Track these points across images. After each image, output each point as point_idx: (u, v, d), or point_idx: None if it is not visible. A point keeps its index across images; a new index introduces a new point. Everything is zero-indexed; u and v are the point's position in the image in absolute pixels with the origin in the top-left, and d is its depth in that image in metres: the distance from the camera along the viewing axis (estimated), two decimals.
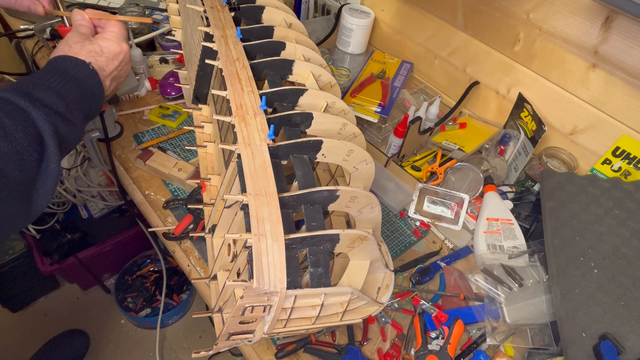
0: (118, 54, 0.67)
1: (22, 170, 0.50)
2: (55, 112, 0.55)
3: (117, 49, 0.67)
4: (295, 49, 0.76)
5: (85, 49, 0.63)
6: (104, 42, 0.66)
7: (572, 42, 0.89)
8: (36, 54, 1.17)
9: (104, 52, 0.65)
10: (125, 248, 1.65)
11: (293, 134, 0.62)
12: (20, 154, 0.49)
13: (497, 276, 0.81)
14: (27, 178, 0.51)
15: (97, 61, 0.64)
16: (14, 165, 0.49)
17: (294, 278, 0.48)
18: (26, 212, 0.53)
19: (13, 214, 0.50)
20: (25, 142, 0.50)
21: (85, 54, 0.63)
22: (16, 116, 0.50)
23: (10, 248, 1.49)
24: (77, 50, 0.63)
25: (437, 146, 1.04)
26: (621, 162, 0.89)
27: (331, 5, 1.34)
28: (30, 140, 0.51)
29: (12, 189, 0.48)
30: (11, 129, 0.49)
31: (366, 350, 0.73)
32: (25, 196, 0.52)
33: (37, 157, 0.52)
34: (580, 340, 0.68)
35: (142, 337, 1.63)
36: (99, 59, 0.64)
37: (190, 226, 0.81)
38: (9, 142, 0.48)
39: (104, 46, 0.66)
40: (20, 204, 0.51)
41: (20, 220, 0.53)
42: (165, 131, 1.02)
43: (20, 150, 0.49)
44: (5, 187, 0.47)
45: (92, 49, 0.64)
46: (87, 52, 0.63)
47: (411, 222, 0.94)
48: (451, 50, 1.15)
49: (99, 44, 0.66)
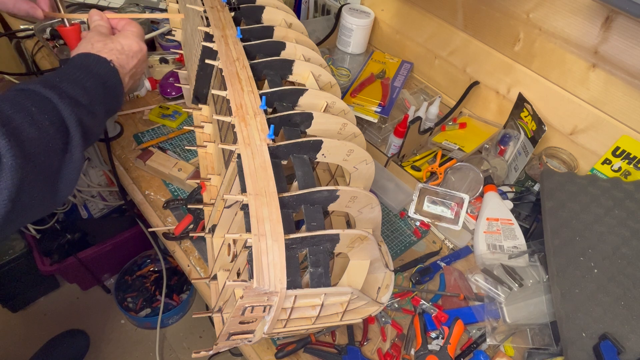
0: (137, 52, 0.69)
1: (48, 157, 0.51)
2: (80, 104, 0.57)
3: (136, 47, 0.69)
4: (295, 49, 0.76)
5: (107, 47, 0.65)
6: (125, 40, 0.68)
7: (572, 42, 0.89)
8: (36, 54, 1.17)
9: (124, 50, 0.67)
10: (125, 248, 1.65)
11: (293, 134, 0.62)
12: (47, 142, 0.51)
13: (497, 276, 0.81)
14: (53, 165, 0.53)
15: (119, 59, 0.66)
16: (41, 152, 0.50)
17: (294, 278, 0.48)
18: (52, 198, 0.54)
19: (40, 199, 0.52)
20: (52, 130, 0.52)
21: (107, 52, 0.65)
22: (43, 106, 0.52)
23: (10, 248, 1.49)
24: (99, 48, 0.65)
25: (437, 146, 1.04)
26: (621, 162, 0.89)
27: (331, 5, 1.34)
28: (56, 129, 0.53)
29: (39, 173, 0.50)
30: (38, 117, 0.51)
31: (366, 350, 0.73)
32: (52, 182, 0.53)
33: (62, 145, 0.54)
34: (580, 340, 0.68)
35: (142, 337, 1.63)
36: (120, 56, 0.66)
37: (190, 226, 0.81)
38: (36, 128, 0.50)
39: (124, 44, 0.68)
40: (46, 190, 0.53)
41: (46, 206, 0.55)
42: (165, 131, 1.02)
43: (47, 138, 0.51)
44: (33, 171, 0.49)
45: (114, 47, 0.66)
46: (109, 50, 0.65)
47: (411, 222, 0.94)
48: (451, 50, 1.15)
49: (120, 42, 0.67)
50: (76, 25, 0.77)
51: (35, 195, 0.50)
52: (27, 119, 0.50)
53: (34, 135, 0.49)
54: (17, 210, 0.47)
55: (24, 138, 0.48)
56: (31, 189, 0.49)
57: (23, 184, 0.47)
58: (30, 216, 0.53)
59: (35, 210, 0.53)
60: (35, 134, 0.50)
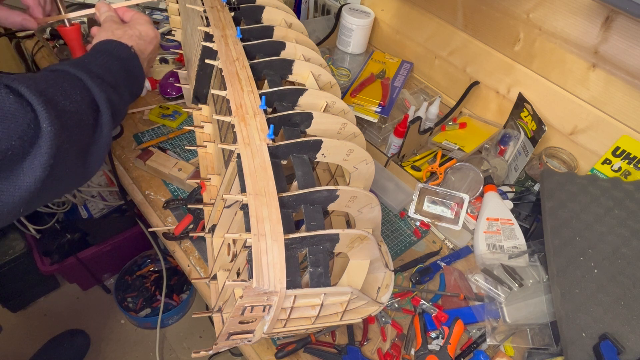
0: (153, 39, 0.72)
1: (81, 130, 0.53)
2: (108, 84, 0.59)
3: (152, 34, 0.72)
4: (295, 49, 0.76)
5: (127, 34, 0.68)
6: (142, 27, 0.71)
7: (572, 42, 0.89)
8: (36, 54, 1.17)
9: (142, 36, 0.70)
10: (125, 248, 1.65)
11: (293, 134, 0.62)
12: (79, 116, 0.52)
13: (497, 276, 0.81)
14: (85, 139, 0.54)
15: (138, 44, 0.68)
16: (75, 124, 0.51)
17: (293, 278, 0.48)
18: (82, 172, 0.55)
19: (73, 171, 0.53)
20: (83, 105, 0.54)
21: (127, 39, 0.67)
22: (74, 84, 0.54)
23: (10, 248, 1.49)
24: (120, 34, 0.67)
25: (437, 146, 1.04)
26: (621, 162, 0.89)
27: (331, 5, 1.34)
28: (87, 104, 0.54)
29: (73, 144, 0.51)
30: (71, 92, 0.52)
31: (366, 350, 0.73)
32: (83, 156, 0.54)
33: (92, 121, 0.55)
34: (580, 340, 0.68)
35: (142, 337, 1.63)
36: (139, 42, 0.68)
37: (190, 226, 0.81)
38: (70, 101, 0.51)
39: (142, 30, 0.70)
40: (79, 163, 0.54)
41: (77, 179, 0.57)
42: (165, 131, 1.02)
43: (79, 112, 0.52)
44: (68, 141, 0.50)
45: (133, 34, 0.68)
46: (129, 36, 0.67)
47: (411, 222, 0.94)
48: (451, 50, 1.15)
49: (137, 29, 0.70)
50: (76, 25, 0.77)
51: (68, 166, 0.51)
52: (62, 92, 0.51)
53: (69, 107, 0.51)
54: (52, 178, 0.48)
55: (60, 109, 0.49)
56: (65, 159, 0.50)
57: (59, 152, 0.48)
58: (62, 188, 0.54)
59: (67, 182, 0.54)
60: (69, 106, 0.51)
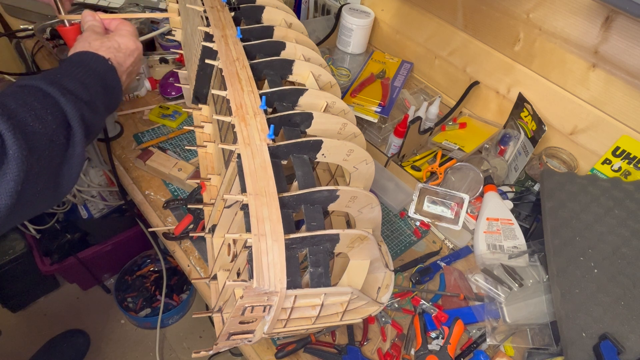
0: (134, 51, 0.70)
1: (51, 151, 0.52)
2: (81, 100, 0.57)
3: (133, 46, 0.70)
4: (295, 49, 0.76)
5: (104, 46, 0.66)
6: (121, 38, 0.69)
7: (572, 42, 0.89)
8: (36, 54, 1.17)
9: (121, 48, 0.68)
10: (125, 248, 1.65)
11: (293, 134, 0.62)
12: (50, 136, 0.51)
13: (497, 276, 0.81)
14: (56, 160, 0.53)
15: (116, 57, 0.66)
16: (45, 146, 0.50)
17: (294, 278, 0.48)
18: (54, 193, 0.55)
19: (43, 193, 0.52)
20: (54, 124, 0.52)
21: (104, 50, 0.65)
22: (45, 101, 0.53)
23: (10, 248, 1.49)
24: (97, 46, 0.65)
25: (437, 146, 1.04)
26: (621, 162, 0.89)
27: (331, 5, 1.34)
28: (58, 123, 0.53)
29: (43, 167, 0.50)
30: (41, 112, 0.51)
31: (366, 350, 0.73)
32: (54, 177, 0.54)
33: (64, 140, 0.54)
34: (580, 340, 0.68)
35: (142, 337, 1.63)
36: (118, 54, 0.67)
37: (190, 226, 0.81)
38: (40, 123, 0.50)
39: (121, 43, 0.68)
40: (49, 184, 0.53)
41: (48, 201, 0.56)
42: (165, 131, 1.02)
43: (50, 132, 0.51)
44: (37, 164, 0.49)
45: (111, 46, 0.67)
46: (106, 48, 0.66)
47: (411, 222, 0.94)
48: (451, 50, 1.15)
49: (116, 40, 0.68)
50: (76, 25, 0.77)
51: (38, 189, 0.50)
52: (31, 113, 0.50)
53: (38, 129, 0.50)
54: (21, 203, 0.48)
55: (28, 131, 0.48)
56: (35, 182, 0.49)
57: (28, 176, 0.47)
58: (32, 211, 0.53)
59: (38, 205, 0.53)
60: (39, 128, 0.50)
